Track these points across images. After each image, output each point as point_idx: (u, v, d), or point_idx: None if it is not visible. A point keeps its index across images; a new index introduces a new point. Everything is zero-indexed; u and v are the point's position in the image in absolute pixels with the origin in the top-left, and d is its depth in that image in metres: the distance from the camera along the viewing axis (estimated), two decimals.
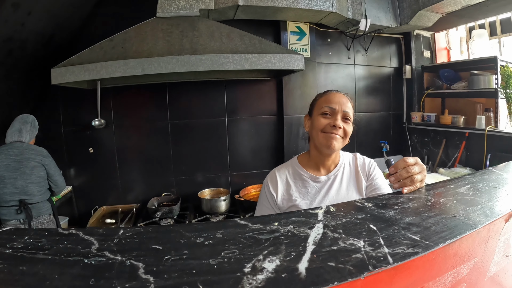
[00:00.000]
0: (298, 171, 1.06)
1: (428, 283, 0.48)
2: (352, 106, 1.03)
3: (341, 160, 1.08)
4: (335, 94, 1.02)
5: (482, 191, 0.68)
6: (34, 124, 2.14)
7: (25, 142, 2.05)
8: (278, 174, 1.08)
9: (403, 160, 0.77)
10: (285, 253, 0.42)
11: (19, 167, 1.94)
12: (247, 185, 2.88)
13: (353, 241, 0.47)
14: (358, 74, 3.19)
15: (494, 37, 2.91)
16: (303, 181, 1.04)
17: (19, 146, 2.00)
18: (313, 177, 1.04)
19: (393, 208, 0.60)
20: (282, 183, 1.06)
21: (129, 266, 0.39)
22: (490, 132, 2.49)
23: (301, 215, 0.57)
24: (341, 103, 0.99)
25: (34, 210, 1.97)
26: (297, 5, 2.47)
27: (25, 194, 1.95)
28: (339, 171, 1.05)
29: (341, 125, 0.96)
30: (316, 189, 1.03)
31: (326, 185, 1.03)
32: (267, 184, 1.08)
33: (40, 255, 0.43)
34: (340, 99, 1.00)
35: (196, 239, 0.46)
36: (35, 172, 2.00)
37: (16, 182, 1.93)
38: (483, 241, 0.54)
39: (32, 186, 1.98)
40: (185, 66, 2.04)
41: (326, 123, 0.98)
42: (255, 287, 0.34)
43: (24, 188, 1.95)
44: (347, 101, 1.01)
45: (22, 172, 1.94)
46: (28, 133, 2.08)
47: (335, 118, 0.97)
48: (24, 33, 1.96)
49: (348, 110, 0.99)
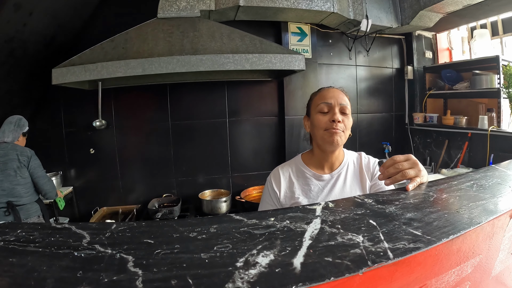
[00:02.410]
0: (302, 169, 1.06)
1: (431, 280, 0.46)
2: (348, 99, 1.02)
3: (345, 159, 1.06)
4: (329, 89, 1.02)
5: (485, 188, 0.66)
6: (19, 124, 2.07)
7: (8, 142, 1.99)
8: (281, 171, 1.07)
9: (391, 158, 0.76)
10: (280, 248, 0.41)
11: (4, 168, 1.90)
12: (248, 186, 2.87)
13: (352, 236, 0.45)
14: (359, 75, 3.17)
15: (496, 37, 2.89)
16: (306, 179, 1.03)
17: (4, 147, 1.96)
18: (316, 175, 1.03)
19: (394, 203, 0.58)
20: (285, 180, 1.05)
21: (118, 259, 0.38)
22: (493, 132, 2.46)
23: (298, 211, 0.55)
24: (336, 97, 0.98)
25: (22, 212, 1.94)
26: (298, 6, 2.47)
27: (12, 196, 1.91)
28: (342, 169, 1.04)
29: (340, 118, 0.95)
30: (319, 187, 1.02)
31: (329, 183, 1.02)
32: (270, 181, 1.07)
33: (31, 248, 0.42)
34: (334, 93, 0.99)
35: (189, 234, 0.45)
36: (20, 173, 1.95)
37: (2, 184, 1.89)
38: (488, 237, 0.52)
39: (19, 187, 1.94)
40: (185, 66, 2.04)
41: (325, 119, 0.97)
42: (247, 281, 0.33)
43: (10, 190, 1.91)
44: (342, 95, 1.00)
45: (7, 174, 1.90)
46: (11, 132, 2.02)
47: (333, 112, 0.96)
48: (25, 33, 1.97)
49: (345, 102, 0.98)
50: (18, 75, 2.21)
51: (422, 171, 0.74)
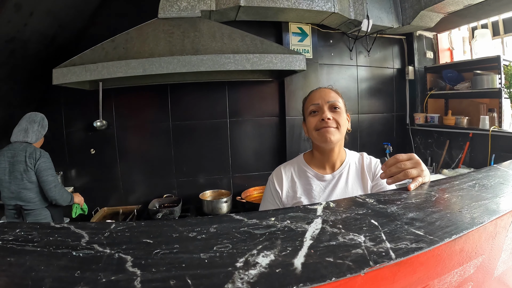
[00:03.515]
0: (304, 168, 1.06)
1: (433, 281, 0.45)
2: (339, 95, 1.03)
3: (347, 159, 1.06)
4: (316, 91, 1.04)
5: (488, 187, 0.66)
6: (42, 124, 1.98)
7: (30, 143, 1.89)
8: (284, 171, 1.07)
9: (393, 157, 0.76)
10: (280, 248, 0.41)
11: (13, 170, 1.82)
12: (249, 186, 2.86)
13: (353, 236, 0.44)
14: (360, 75, 3.17)
15: (497, 37, 2.88)
16: (308, 179, 1.04)
17: (15, 148, 1.86)
18: (318, 176, 1.03)
19: (396, 203, 0.58)
20: (287, 180, 1.05)
21: (117, 259, 0.38)
22: (494, 132, 2.45)
23: (299, 211, 0.55)
24: (322, 96, 1.00)
25: (30, 217, 1.85)
26: (299, 6, 2.46)
27: (20, 199, 1.84)
28: (344, 169, 1.04)
29: (329, 116, 0.96)
30: (321, 187, 1.02)
31: (331, 183, 1.02)
32: (272, 180, 1.07)
33: (29, 247, 0.42)
34: (321, 93, 1.01)
35: (188, 234, 0.45)
36: (27, 177, 1.84)
37: (11, 186, 1.81)
38: (490, 237, 0.52)
39: (26, 192, 1.84)
40: (186, 67, 2.04)
41: (316, 120, 0.98)
42: (247, 282, 0.32)
43: (18, 194, 1.83)
44: (329, 92, 1.01)
45: (14, 176, 1.82)
46: (35, 133, 1.92)
47: (322, 111, 0.98)
48: (26, 33, 1.97)
49: (332, 99, 0.99)
50: (18, 75, 2.21)
51: (424, 170, 0.74)
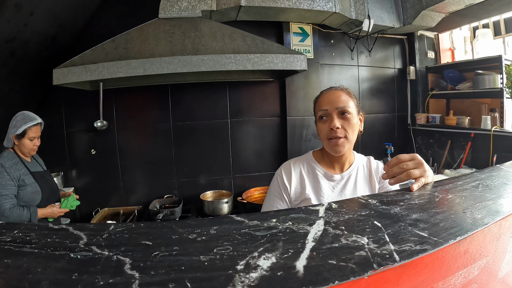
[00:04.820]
0: (313, 166, 1.05)
1: (438, 283, 0.45)
2: (351, 96, 0.99)
3: (355, 161, 1.06)
4: (327, 93, 1.00)
5: (491, 188, 0.65)
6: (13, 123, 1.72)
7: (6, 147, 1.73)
8: (293, 166, 1.06)
9: (396, 157, 0.75)
10: (282, 250, 0.40)
11: None
12: (250, 187, 2.85)
13: (356, 238, 0.44)
14: (361, 75, 3.16)
15: (499, 37, 2.87)
16: (317, 177, 1.03)
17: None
18: (328, 175, 1.02)
19: (399, 204, 0.57)
20: (296, 176, 1.04)
21: (115, 261, 0.37)
22: (496, 132, 2.44)
23: (301, 212, 0.54)
24: (332, 101, 0.96)
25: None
26: (300, 6, 2.46)
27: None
28: (353, 171, 1.04)
29: (338, 124, 0.93)
30: (329, 186, 1.01)
31: (340, 184, 1.02)
32: (280, 175, 1.05)
33: (27, 249, 0.42)
34: (330, 96, 0.97)
35: (188, 235, 0.44)
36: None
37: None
38: (495, 239, 0.51)
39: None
40: (187, 67, 2.04)
41: (325, 129, 0.96)
42: (248, 285, 0.32)
43: None
44: (340, 96, 0.97)
45: None
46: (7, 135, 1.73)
47: (331, 119, 0.95)
48: (26, 33, 1.97)
49: (342, 104, 0.95)
50: (19, 76, 2.21)
51: (427, 171, 0.73)
